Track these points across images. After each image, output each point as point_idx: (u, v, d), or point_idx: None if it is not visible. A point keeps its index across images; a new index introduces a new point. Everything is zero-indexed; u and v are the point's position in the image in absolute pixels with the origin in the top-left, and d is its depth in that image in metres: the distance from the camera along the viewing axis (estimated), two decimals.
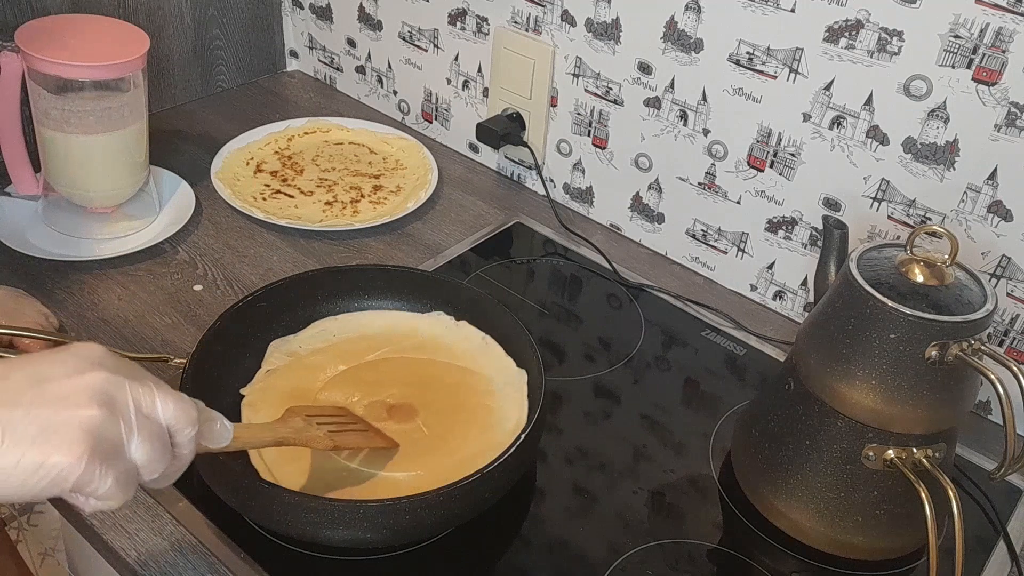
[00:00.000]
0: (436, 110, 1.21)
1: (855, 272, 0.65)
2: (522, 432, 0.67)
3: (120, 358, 0.48)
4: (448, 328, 0.82)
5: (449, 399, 0.76)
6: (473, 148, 1.20)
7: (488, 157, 1.19)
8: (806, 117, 0.87)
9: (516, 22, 1.06)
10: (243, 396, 0.75)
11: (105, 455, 0.44)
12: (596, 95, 1.02)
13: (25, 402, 0.43)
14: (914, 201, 0.84)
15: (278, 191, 1.07)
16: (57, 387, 0.44)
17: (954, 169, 0.80)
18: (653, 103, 0.98)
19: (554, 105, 1.07)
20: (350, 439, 0.69)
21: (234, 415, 0.73)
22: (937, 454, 0.66)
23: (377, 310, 0.84)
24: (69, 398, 0.44)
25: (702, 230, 1.00)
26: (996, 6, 0.73)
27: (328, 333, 0.82)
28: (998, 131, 0.77)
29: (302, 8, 1.30)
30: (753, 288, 0.99)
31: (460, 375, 0.78)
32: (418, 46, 1.18)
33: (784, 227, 0.94)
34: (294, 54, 1.36)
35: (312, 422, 0.67)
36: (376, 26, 1.21)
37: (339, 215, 1.04)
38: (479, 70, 1.13)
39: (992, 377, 0.61)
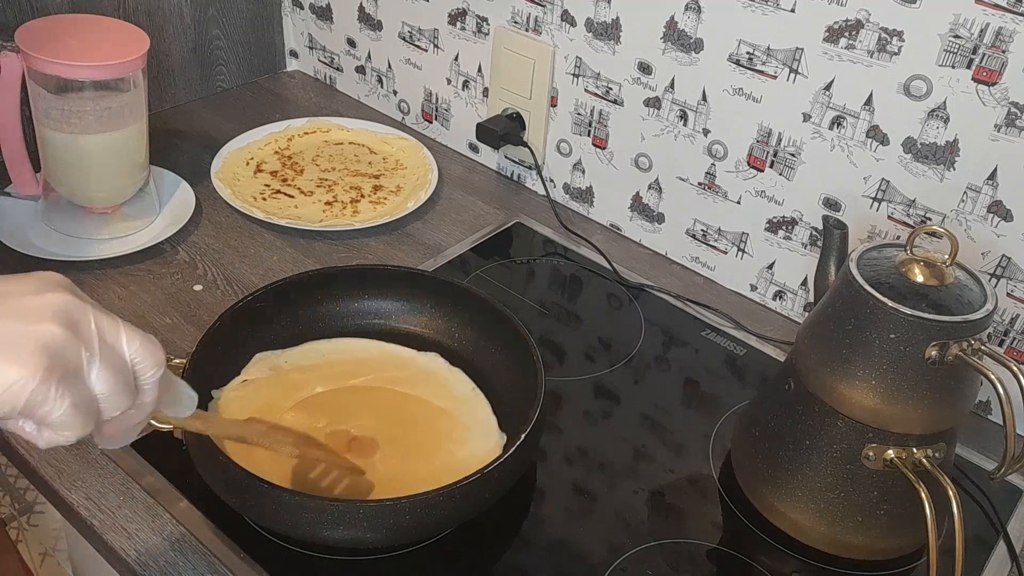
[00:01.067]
0: (436, 110, 1.21)
1: (855, 272, 0.65)
2: (522, 432, 0.67)
3: (83, 294, 0.46)
4: (439, 370, 0.79)
5: (416, 439, 0.73)
6: (473, 148, 1.20)
7: (488, 157, 1.19)
8: (806, 117, 0.87)
9: (516, 22, 1.06)
10: (212, 397, 0.74)
11: (63, 375, 0.42)
12: (596, 95, 1.02)
13: None
14: (914, 201, 0.84)
15: (278, 191, 1.07)
16: (17, 303, 0.42)
17: (954, 169, 0.80)
18: (653, 103, 0.98)
19: (554, 105, 1.07)
20: (316, 452, 0.68)
21: None
22: (937, 454, 0.66)
23: (375, 340, 0.81)
24: (29, 314, 0.42)
25: (702, 230, 1.00)
26: (996, 6, 0.73)
27: (318, 353, 0.80)
28: (998, 131, 0.77)
29: (302, 8, 1.30)
30: (753, 288, 0.99)
31: (435, 416, 0.75)
32: (418, 46, 1.18)
33: (784, 227, 0.94)
34: (294, 54, 1.36)
35: (276, 433, 0.67)
36: (376, 26, 1.21)
37: (339, 215, 1.04)
38: (479, 70, 1.13)
39: (992, 377, 0.61)
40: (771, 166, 0.92)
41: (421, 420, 0.75)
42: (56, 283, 0.45)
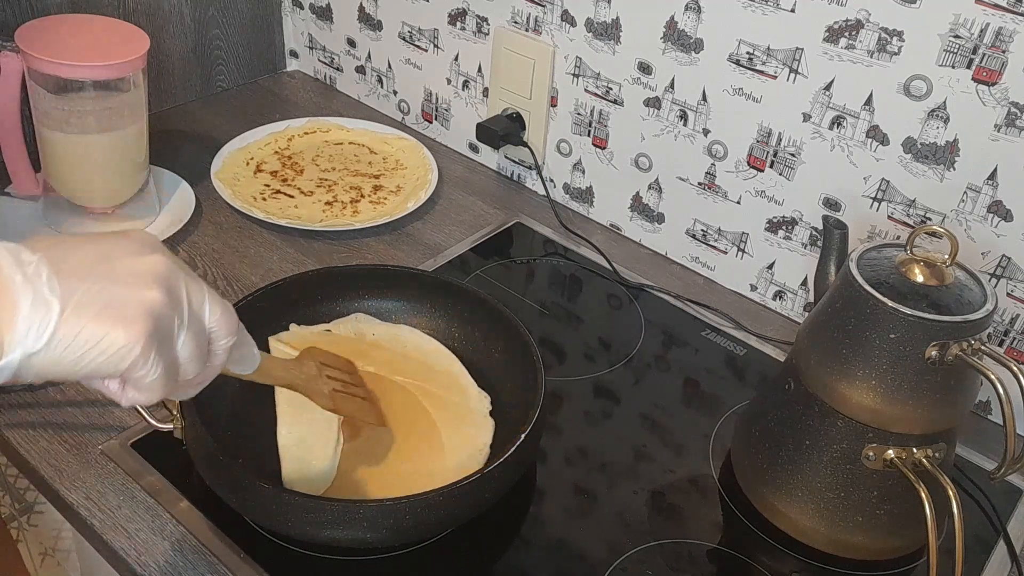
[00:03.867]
0: (436, 110, 1.21)
1: (855, 272, 0.65)
2: (522, 432, 0.67)
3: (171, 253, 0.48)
4: (481, 415, 0.77)
5: (412, 452, 0.73)
6: (473, 148, 1.20)
7: (488, 157, 1.19)
8: (806, 117, 0.87)
9: (516, 22, 1.06)
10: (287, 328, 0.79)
11: (160, 340, 0.43)
12: (596, 95, 1.02)
13: (91, 275, 0.42)
14: (914, 201, 0.84)
15: (278, 191, 1.07)
16: (123, 264, 0.43)
17: (954, 169, 0.80)
18: (653, 103, 0.98)
19: (554, 105, 1.07)
20: (348, 407, 0.69)
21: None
22: (937, 454, 0.66)
23: (456, 358, 0.81)
24: (134, 277, 0.43)
25: (702, 230, 1.00)
26: (996, 6, 0.73)
27: (401, 341, 0.82)
28: (998, 131, 0.77)
29: (302, 8, 1.30)
30: (753, 288, 0.99)
31: (442, 442, 0.74)
32: (418, 46, 1.18)
33: (784, 227, 0.94)
34: (294, 54, 1.36)
35: (323, 374, 0.68)
36: (376, 26, 1.21)
37: (339, 215, 1.04)
38: (479, 70, 1.13)
39: (992, 377, 0.61)
40: (771, 166, 0.92)
41: (417, 440, 0.74)
42: (152, 244, 0.46)
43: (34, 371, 0.41)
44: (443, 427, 0.75)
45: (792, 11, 0.83)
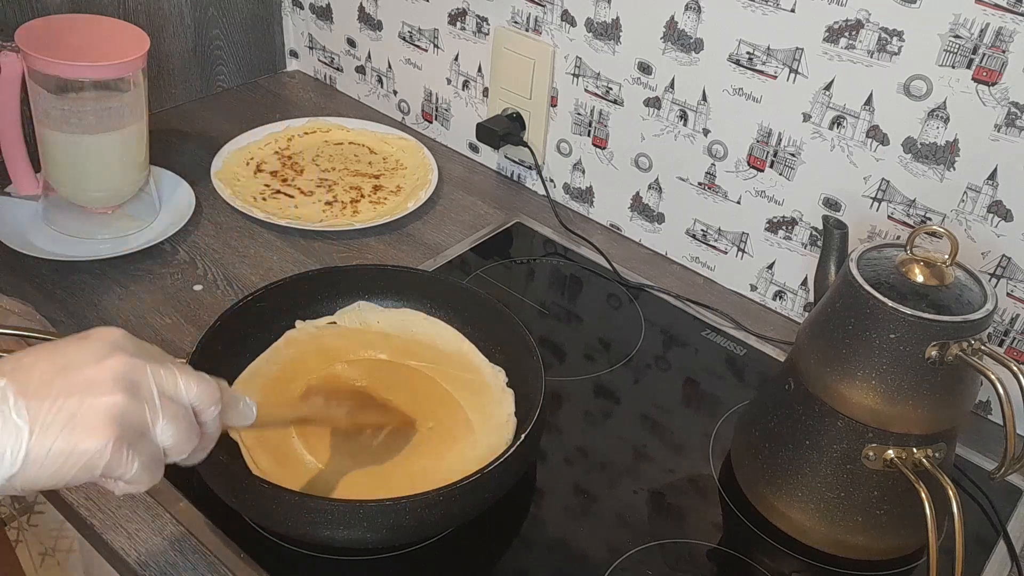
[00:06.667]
0: (436, 110, 1.21)
1: (855, 272, 0.65)
2: (522, 432, 0.67)
3: (140, 341, 0.49)
4: (494, 387, 0.78)
5: (429, 432, 0.73)
6: (473, 148, 1.20)
7: (488, 157, 1.19)
8: (806, 117, 0.87)
9: (516, 22, 1.06)
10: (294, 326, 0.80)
11: (131, 440, 0.45)
12: (596, 95, 1.02)
13: (52, 392, 0.44)
14: (914, 201, 0.84)
15: (278, 191, 1.07)
16: (81, 375, 0.45)
17: (954, 169, 0.80)
18: (653, 103, 0.98)
19: (554, 105, 1.07)
20: (370, 417, 0.70)
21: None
22: (937, 454, 0.66)
23: (463, 336, 0.82)
24: (93, 385, 0.45)
25: (702, 230, 1.00)
26: (996, 6, 0.73)
27: (406, 326, 0.83)
28: (998, 131, 0.77)
29: (302, 8, 1.30)
30: (753, 288, 0.99)
31: (460, 424, 0.74)
32: (418, 46, 1.18)
33: (784, 227, 0.94)
34: (294, 54, 1.36)
35: (331, 404, 0.68)
36: (376, 26, 1.21)
37: (339, 215, 1.04)
38: (479, 70, 1.13)
39: (992, 377, 0.61)
40: (771, 166, 0.92)
41: (446, 420, 0.75)
42: (113, 344, 0.47)
43: (17, 488, 0.43)
44: (467, 406, 0.76)
45: (792, 11, 0.83)
